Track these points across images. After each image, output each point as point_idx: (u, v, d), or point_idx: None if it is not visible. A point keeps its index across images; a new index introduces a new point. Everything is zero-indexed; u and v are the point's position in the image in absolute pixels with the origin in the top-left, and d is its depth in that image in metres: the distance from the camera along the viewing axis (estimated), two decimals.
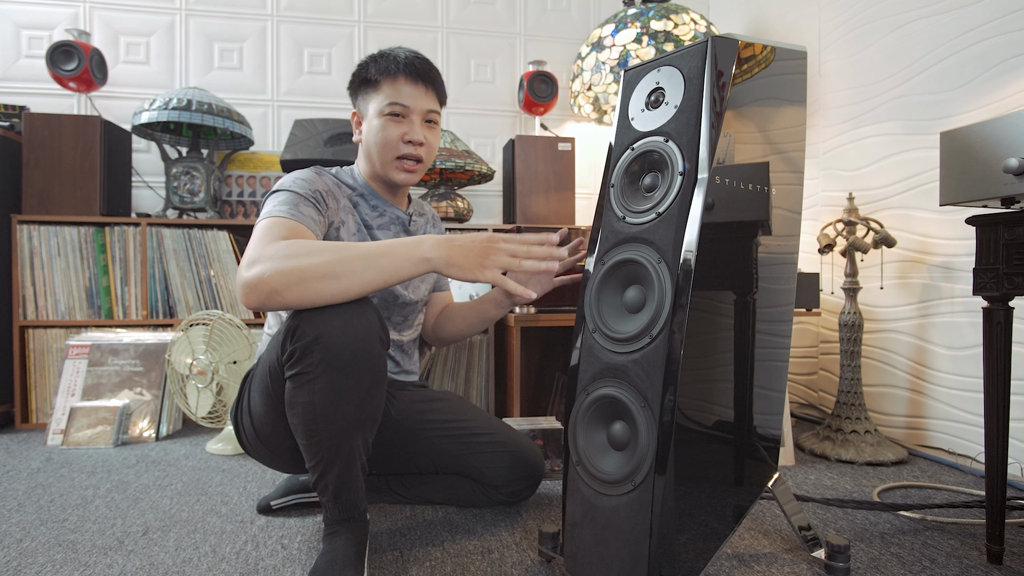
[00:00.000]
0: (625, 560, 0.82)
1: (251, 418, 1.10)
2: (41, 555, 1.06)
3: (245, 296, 0.89)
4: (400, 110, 1.17)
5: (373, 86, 1.18)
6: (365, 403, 0.94)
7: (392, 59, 1.18)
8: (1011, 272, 0.99)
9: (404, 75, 1.17)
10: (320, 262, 0.89)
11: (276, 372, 0.99)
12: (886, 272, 1.82)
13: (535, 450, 1.29)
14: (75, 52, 2.16)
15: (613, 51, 2.32)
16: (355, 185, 1.23)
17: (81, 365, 1.94)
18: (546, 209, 2.46)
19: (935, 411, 1.68)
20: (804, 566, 1.02)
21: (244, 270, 0.90)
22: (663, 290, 0.83)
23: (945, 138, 1.04)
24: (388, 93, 1.17)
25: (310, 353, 0.90)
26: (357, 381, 0.92)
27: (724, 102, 0.86)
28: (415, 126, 1.18)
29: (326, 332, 0.89)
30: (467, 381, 2.01)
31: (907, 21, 1.77)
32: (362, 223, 1.21)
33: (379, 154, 1.18)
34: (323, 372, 0.90)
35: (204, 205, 2.25)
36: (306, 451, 0.95)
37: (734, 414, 0.94)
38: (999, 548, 1.02)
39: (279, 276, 0.87)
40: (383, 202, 1.25)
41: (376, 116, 1.18)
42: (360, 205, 1.22)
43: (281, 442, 1.08)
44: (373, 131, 1.18)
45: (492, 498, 1.27)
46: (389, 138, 1.17)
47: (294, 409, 0.94)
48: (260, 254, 0.91)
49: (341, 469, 0.95)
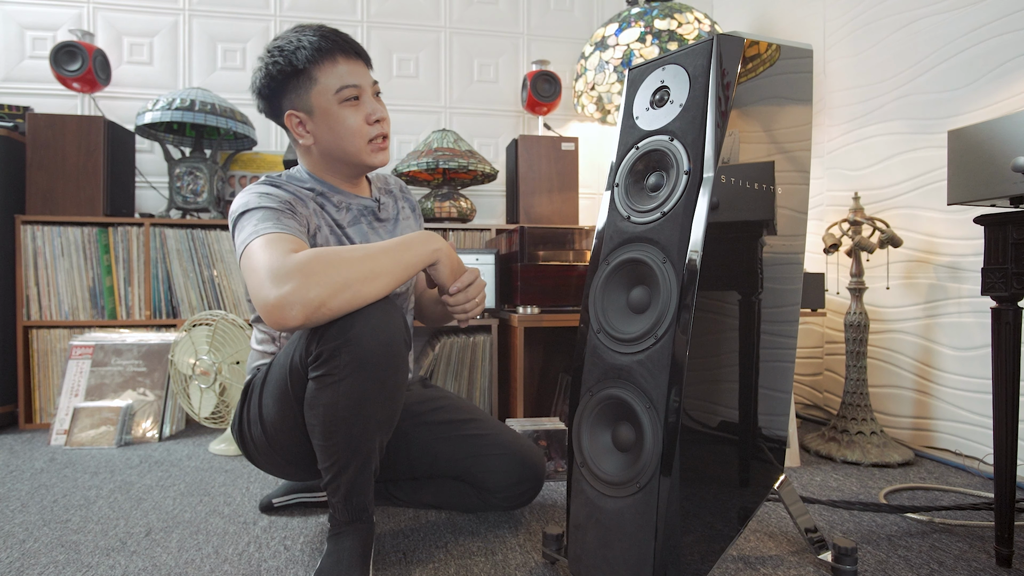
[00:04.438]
0: (630, 562, 0.82)
1: (262, 425, 1.06)
2: (44, 556, 1.06)
3: (283, 315, 0.83)
4: (355, 92, 1.08)
5: (306, 77, 1.06)
6: (387, 406, 0.94)
7: (316, 43, 1.06)
8: (1020, 272, 0.98)
9: (341, 54, 1.08)
10: (357, 265, 0.88)
11: (297, 372, 0.96)
12: (892, 272, 1.81)
13: (536, 454, 1.24)
14: (79, 53, 2.16)
15: (617, 50, 2.31)
16: (313, 186, 1.14)
17: (84, 365, 1.94)
18: (549, 209, 2.45)
19: (942, 412, 1.66)
20: (811, 569, 1.01)
21: (270, 288, 0.84)
22: (668, 290, 0.82)
23: (953, 137, 1.03)
24: (333, 79, 1.06)
25: (338, 355, 0.88)
26: (382, 384, 0.91)
27: (729, 101, 0.85)
28: (372, 103, 1.11)
29: (356, 335, 0.88)
30: (470, 381, 2.00)
31: (913, 19, 1.76)
32: (334, 223, 1.13)
33: (349, 145, 1.09)
34: (350, 374, 0.89)
35: (207, 205, 2.25)
36: (322, 452, 0.94)
37: (739, 415, 0.93)
38: (1008, 551, 1.01)
39: (322, 287, 0.84)
40: (346, 195, 1.16)
41: (333, 107, 1.07)
42: (326, 205, 1.13)
43: (295, 447, 1.04)
44: (335, 124, 1.08)
45: (488, 503, 1.22)
46: (356, 125, 1.09)
47: (315, 409, 0.92)
48: (283, 269, 0.85)
49: (355, 471, 0.94)
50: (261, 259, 0.89)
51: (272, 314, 0.84)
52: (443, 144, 2.32)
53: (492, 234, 2.36)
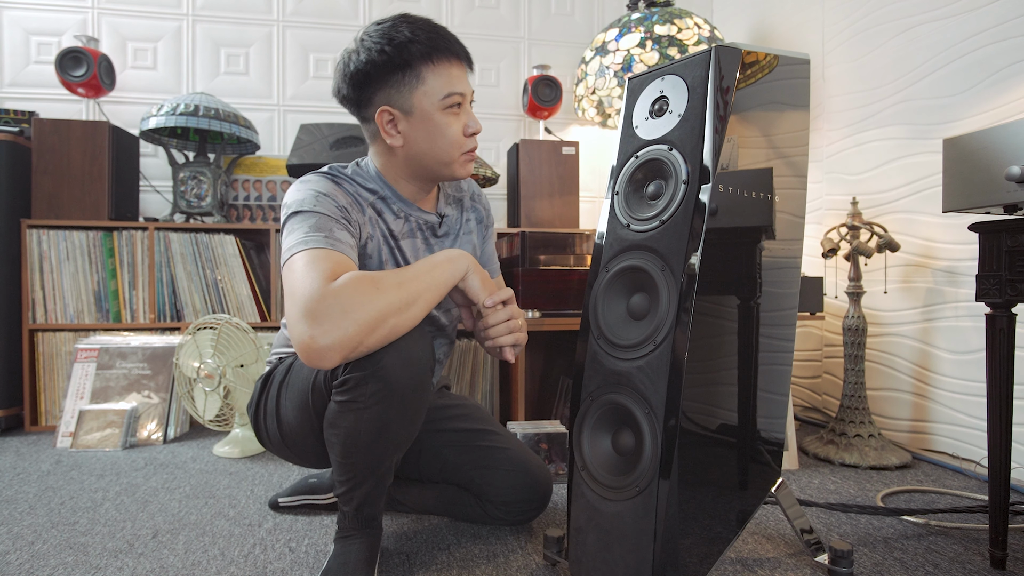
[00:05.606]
0: (629, 564, 0.83)
1: (278, 422, 1.06)
2: (53, 557, 1.07)
3: (320, 358, 0.80)
4: (459, 100, 1.02)
5: (413, 75, 0.98)
6: (407, 429, 0.94)
7: (433, 40, 0.98)
8: (1014, 279, 0.99)
9: (455, 58, 1.01)
10: (392, 293, 0.85)
11: (320, 391, 0.96)
12: (890, 276, 1.82)
13: (544, 473, 1.21)
14: (84, 58, 2.18)
15: (617, 55, 2.33)
16: (377, 188, 1.08)
17: (90, 368, 1.96)
18: (550, 212, 2.47)
19: (939, 415, 1.68)
20: (807, 571, 1.03)
21: (306, 325, 0.80)
22: (667, 298, 0.84)
23: (948, 145, 1.05)
24: (442, 82, 0.99)
25: (364, 384, 0.87)
26: (404, 411, 0.91)
27: (727, 110, 0.86)
28: (470, 114, 1.05)
29: (385, 367, 0.87)
30: (472, 385, 2.02)
31: (911, 26, 1.77)
32: (388, 233, 1.08)
33: (444, 154, 1.03)
34: (374, 404, 0.89)
35: (211, 209, 2.27)
36: (338, 467, 0.95)
37: (738, 419, 0.95)
38: (1002, 553, 1.03)
39: (359, 325, 0.81)
40: (408, 205, 1.10)
41: (436, 112, 1.00)
42: (384, 213, 1.08)
43: (309, 448, 1.05)
44: (434, 130, 1.01)
45: (490, 515, 1.19)
46: (454, 135, 1.02)
47: (335, 429, 0.92)
48: (321, 304, 0.81)
49: (370, 487, 0.96)
50: (300, 282, 0.85)
51: (309, 356, 0.81)
52: None
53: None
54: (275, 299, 2.21)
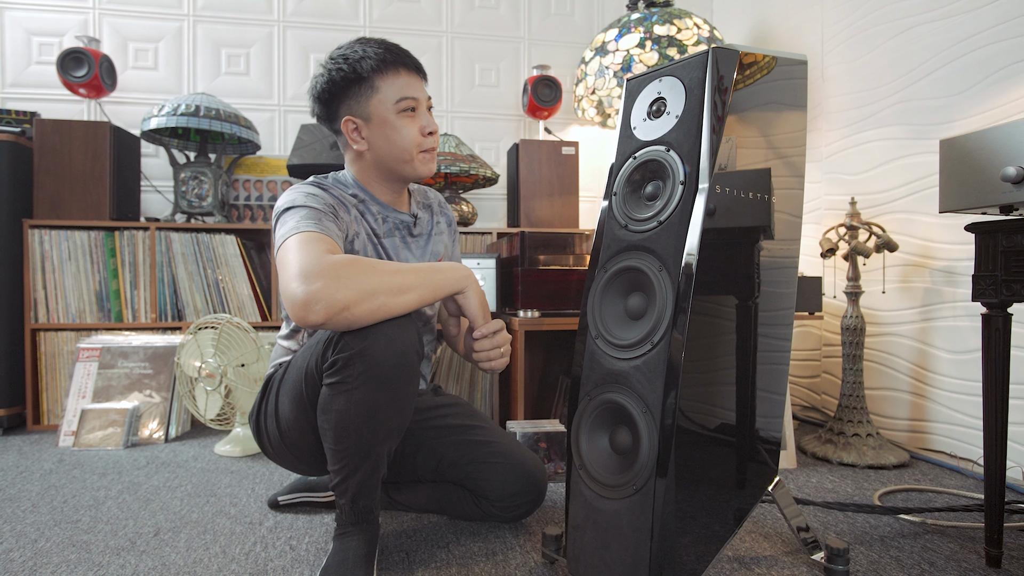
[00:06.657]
0: (627, 562, 0.84)
1: (277, 422, 1.10)
2: (56, 555, 1.08)
3: (307, 311, 0.86)
4: (412, 103, 1.13)
5: (368, 86, 1.11)
6: (397, 415, 0.96)
7: (381, 54, 1.11)
8: (1010, 279, 1.00)
9: (403, 67, 1.12)
10: (387, 278, 0.91)
11: (312, 377, 0.99)
12: (888, 276, 1.83)
13: (538, 466, 1.23)
14: (85, 59, 2.19)
15: (617, 56, 2.33)
16: (357, 192, 1.18)
17: (91, 368, 1.97)
18: (550, 212, 2.47)
19: (937, 414, 1.68)
20: (804, 569, 1.04)
21: (299, 283, 0.87)
22: (664, 298, 0.85)
23: (944, 146, 1.05)
24: (393, 89, 1.11)
25: (352, 364, 0.91)
26: (393, 394, 0.94)
27: (725, 111, 0.87)
28: (426, 116, 1.16)
29: (371, 346, 0.91)
30: (471, 384, 2.03)
31: (910, 26, 1.78)
32: (372, 232, 1.18)
33: (402, 153, 1.13)
34: (362, 384, 0.92)
35: (212, 209, 2.28)
36: (332, 455, 0.97)
37: (735, 418, 0.95)
38: (998, 552, 1.03)
39: (350, 291, 0.87)
40: (384, 207, 1.21)
41: (391, 116, 1.12)
42: (366, 213, 1.18)
43: (307, 446, 1.08)
44: (391, 132, 1.12)
45: (486, 512, 1.21)
46: (411, 135, 1.13)
47: (327, 415, 0.95)
48: (316, 267, 0.88)
49: (364, 475, 0.97)
50: (296, 255, 0.92)
51: (296, 308, 0.87)
52: (444, 148, 2.34)
53: (493, 238, 2.39)
54: (275, 299, 2.21)
